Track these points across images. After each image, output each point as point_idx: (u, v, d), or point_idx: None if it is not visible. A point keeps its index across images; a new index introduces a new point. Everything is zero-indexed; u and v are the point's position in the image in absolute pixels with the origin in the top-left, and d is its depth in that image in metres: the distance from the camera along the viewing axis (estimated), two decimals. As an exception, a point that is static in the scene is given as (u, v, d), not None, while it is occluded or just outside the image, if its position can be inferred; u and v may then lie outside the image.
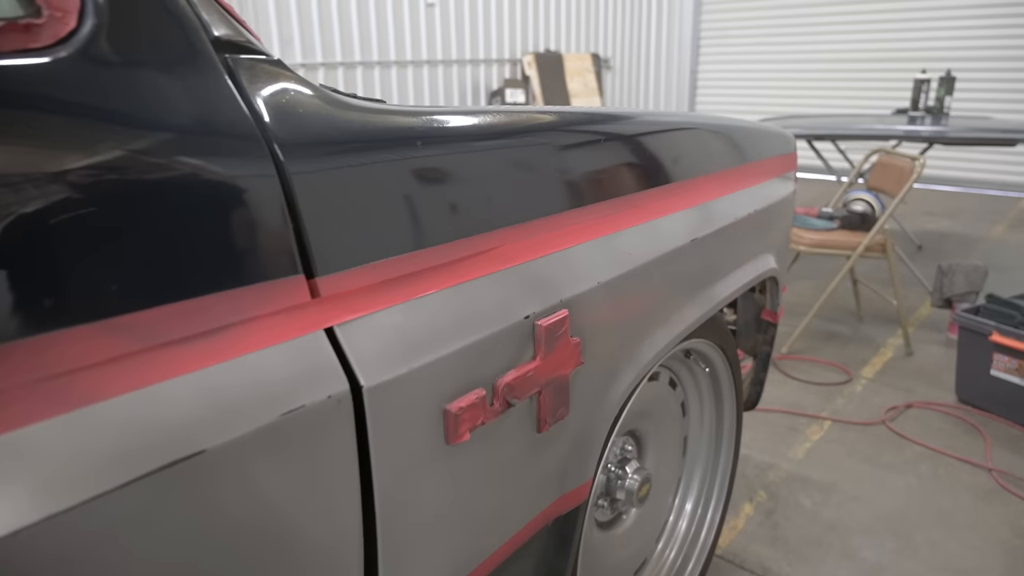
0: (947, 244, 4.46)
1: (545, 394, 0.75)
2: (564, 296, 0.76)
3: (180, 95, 0.48)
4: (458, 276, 0.66)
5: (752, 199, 1.30)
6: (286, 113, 0.55)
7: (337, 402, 0.53)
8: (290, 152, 0.53)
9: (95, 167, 0.42)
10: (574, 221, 0.81)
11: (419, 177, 0.63)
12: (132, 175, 0.44)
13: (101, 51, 0.45)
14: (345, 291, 0.56)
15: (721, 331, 1.35)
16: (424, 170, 0.63)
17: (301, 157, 0.54)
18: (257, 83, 0.54)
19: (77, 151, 0.42)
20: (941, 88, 4.03)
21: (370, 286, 0.58)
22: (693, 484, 1.50)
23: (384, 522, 0.58)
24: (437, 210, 0.64)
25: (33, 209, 0.39)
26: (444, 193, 0.65)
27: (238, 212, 0.49)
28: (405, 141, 0.62)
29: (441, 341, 0.62)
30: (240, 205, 0.50)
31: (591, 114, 0.89)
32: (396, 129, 0.63)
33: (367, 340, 0.57)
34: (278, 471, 0.49)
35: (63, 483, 0.38)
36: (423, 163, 0.63)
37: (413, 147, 0.63)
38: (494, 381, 0.68)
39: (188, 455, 0.43)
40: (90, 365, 0.41)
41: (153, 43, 0.48)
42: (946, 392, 2.45)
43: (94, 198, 0.42)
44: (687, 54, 7.53)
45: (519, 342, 0.70)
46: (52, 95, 0.42)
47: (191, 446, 0.44)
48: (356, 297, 0.57)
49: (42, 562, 0.37)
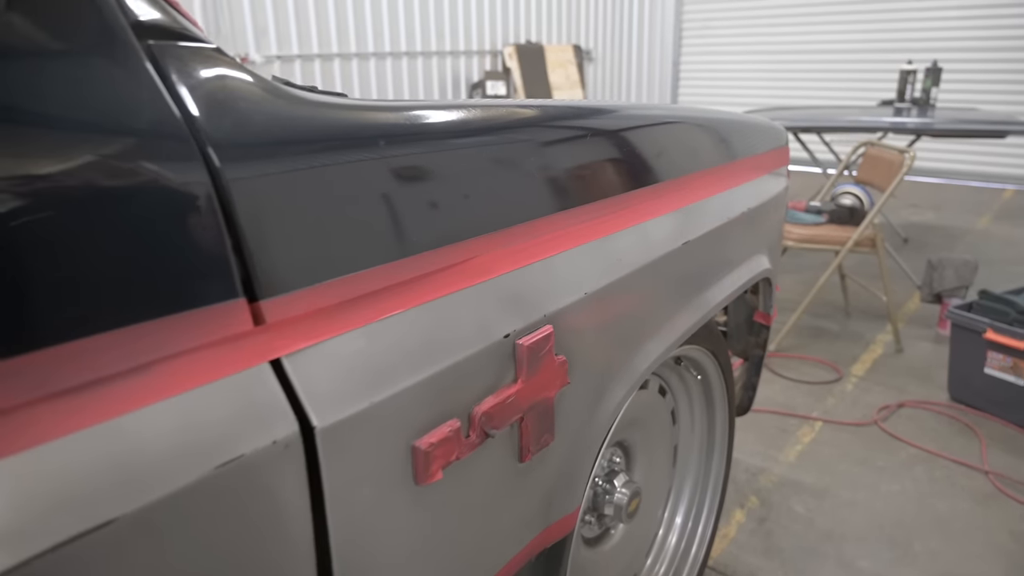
0: (933, 237, 4.44)
1: (528, 420, 0.67)
2: (548, 310, 0.68)
3: (91, 88, 0.40)
4: (428, 293, 0.58)
5: (745, 196, 1.23)
6: (223, 109, 0.46)
7: (284, 447, 0.45)
8: (227, 154, 0.45)
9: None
10: (558, 226, 0.74)
11: (382, 181, 0.55)
12: (27, 184, 0.35)
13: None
14: (294, 316, 0.48)
15: (713, 336, 1.28)
16: (388, 173, 0.55)
17: (240, 160, 0.46)
18: (188, 74, 0.45)
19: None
20: (927, 79, 3.99)
21: (324, 309, 0.50)
22: (684, 494, 1.44)
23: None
24: (403, 218, 0.56)
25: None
26: (411, 199, 0.57)
27: (161, 226, 0.41)
28: (366, 140, 0.54)
29: (409, 368, 0.54)
30: (164, 218, 0.41)
31: (575, 108, 0.81)
32: (355, 127, 0.54)
33: (321, 372, 0.49)
34: (213, 534, 0.41)
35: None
36: (386, 165, 0.55)
37: (375, 147, 0.54)
38: (470, 410, 0.60)
39: (93, 527, 0.35)
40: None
41: (56, 25, 0.39)
42: (938, 390, 2.40)
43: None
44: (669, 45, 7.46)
45: (498, 364, 0.63)
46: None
47: (98, 516, 0.36)
48: (308, 322, 0.49)
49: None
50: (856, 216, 2.75)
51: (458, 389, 0.58)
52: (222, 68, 0.48)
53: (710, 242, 1.05)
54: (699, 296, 1.04)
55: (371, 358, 0.52)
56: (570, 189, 0.76)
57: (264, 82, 0.51)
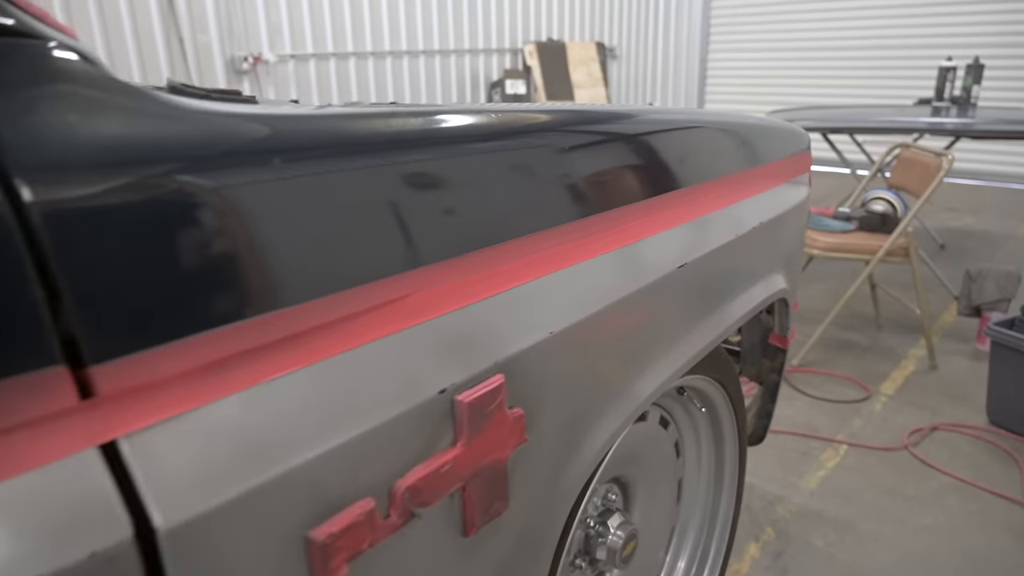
0: (972, 242, 4.22)
1: (472, 489, 0.56)
2: (499, 356, 0.57)
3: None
4: (334, 345, 0.47)
5: (758, 209, 1.10)
6: (45, 126, 0.36)
7: (107, 560, 0.35)
8: (44, 185, 0.35)
9: None
10: (518, 254, 0.62)
11: (263, 204, 0.44)
12: None
13: None
14: (136, 385, 0.38)
15: (720, 363, 1.15)
16: (275, 194, 0.45)
17: (62, 191, 0.35)
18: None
19: None
20: (968, 77, 3.79)
21: (178, 374, 0.40)
22: (689, 534, 1.32)
23: None
24: (296, 253, 0.45)
25: None
26: (308, 224, 0.46)
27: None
28: (245, 157, 0.44)
29: (303, 440, 0.43)
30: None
31: (546, 112, 0.70)
32: (236, 142, 0.44)
33: (173, 455, 0.38)
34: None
35: None
36: (272, 187, 0.45)
37: (256, 165, 0.44)
38: (390, 485, 0.49)
39: None
40: None
41: None
42: (975, 412, 2.24)
43: None
44: (696, 42, 7.27)
45: (430, 427, 0.52)
46: None
47: None
48: (154, 392, 0.39)
49: None
50: (888, 223, 2.59)
51: (373, 461, 0.48)
52: (56, 71, 0.38)
53: (714, 263, 0.93)
54: (700, 324, 0.92)
55: (249, 431, 0.41)
56: (537, 208, 0.64)
57: (125, 90, 0.40)
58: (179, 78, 3.85)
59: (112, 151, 0.38)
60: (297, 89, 4.39)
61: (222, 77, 4.02)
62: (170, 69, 3.81)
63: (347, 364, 0.48)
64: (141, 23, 3.65)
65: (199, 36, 3.87)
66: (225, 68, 4.04)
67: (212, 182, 0.41)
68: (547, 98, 5.65)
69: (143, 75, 3.70)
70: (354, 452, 0.46)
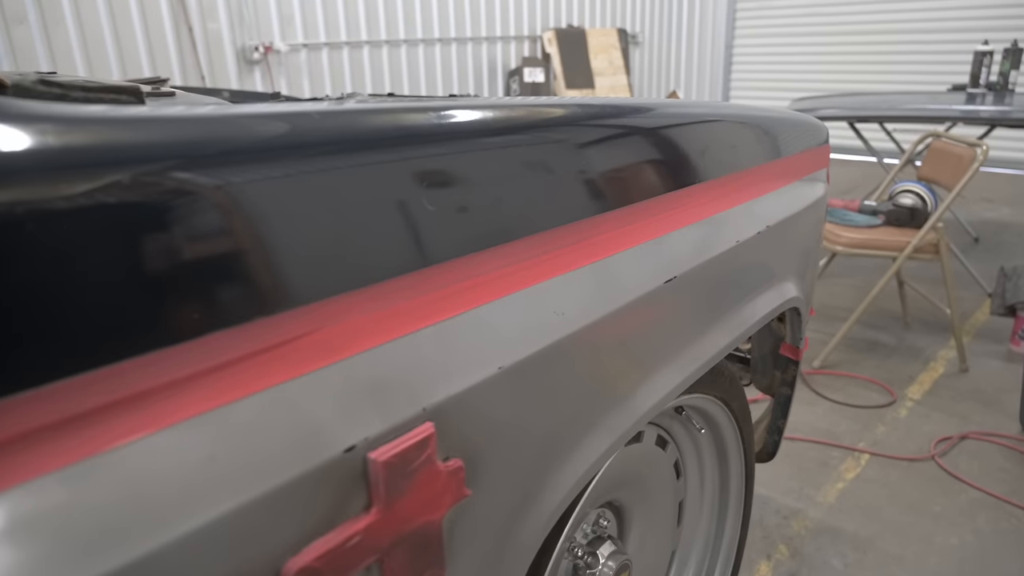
0: (1008, 236, 4.03)
1: (393, 561, 0.47)
2: (429, 401, 0.48)
3: None
4: (212, 397, 0.39)
5: (767, 210, 1.00)
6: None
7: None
8: None
9: None
10: (458, 277, 0.53)
11: (133, 220, 0.35)
12: None
13: None
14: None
15: (723, 380, 1.05)
16: (147, 208, 0.36)
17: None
18: None
19: None
20: (1006, 61, 3.59)
21: (27, 432, 0.31)
22: (691, 560, 1.22)
23: None
24: (182, 278, 0.37)
25: None
26: (197, 246, 0.38)
27: None
28: (123, 167, 0.35)
29: (160, 520, 0.35)
30: None
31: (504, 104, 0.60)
32: (111, 150, 0.35)
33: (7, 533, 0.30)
34: None
35: None
36: (162, 199, 0.36)
37: (139, 179, 0.35)
38: (278, 567, 0.41)
39: None
40: None
41: None
42: (1008, 420, 2.10)
43: None
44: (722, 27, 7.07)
45: (336, 491, 0.43)
46: None
47: None
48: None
49: None
50: (917, 218, 2.45)
51: (255, 540, 0.39)
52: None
53: (709, 275, 0.83)
54: (694, 342, 0.83)
55: (92, 511, 0.33)
56: (485, 222, 0.55)
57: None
58: (189, 68, 3.80)
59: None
60: (310, 79, 4.32)
61: (232, 67, 3.96)
62: (179, 59, 3.75)
63: (223, 421, 0.39)
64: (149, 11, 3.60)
65: (209, 25, 3.81)
66: (236, 58, 3.98)
67: (59, 191, 0.33)
68: (566, 86, 5.52)
69: (152, 65, 3.65)
70: (229, 531, 0.38)
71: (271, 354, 0.42)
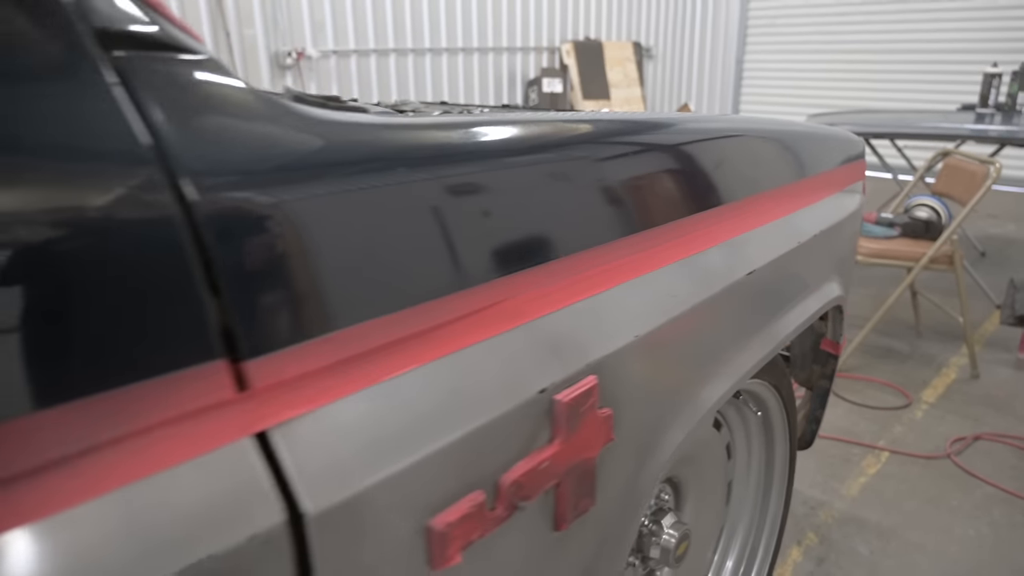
0: (1014, 251, 4.15)
1: (565, 485, 0.58)
2: (591, 358, 0.60)
3: (41, 109, 0.33)
4: (446, 345, 0.50)
5: (816, 218, 1.11)
6: (204, 134, 0.39)
7: (263, 543, 0.37)
8: (205, 187, 0.38)
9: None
10: (603, 260, 0.65)
11: (392, 214, 0.47)
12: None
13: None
14: (286, 378, 0.41)
15: (776, 369, 1.17)
16: (399, 204, 0.47)
17: (221, 193, 0.38)
18: (164, 91, 0.38)
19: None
20: (1014, 83, 3.72)
21: (321, 369, 0.43)
22: (737, 536, 1.33)
23: None
24: (415, 256, 0.48)
25: None
26: (424, 231, 0.49)
27: (123, 275, 0.34)
28: (375, 166, 0.46)
29: (423, 435, 0.46)
30: (127, 264, 0.34)
31: (616, 122, 0.72)
32: (365, 148, 0.47)
33: (316, 445, 0.41)
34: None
35: None
36: (399, 192, 0.47)
37: (384, 174, 0.47)
38: (496, 479, 0.52)
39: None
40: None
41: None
42: (1019, 422, 2.21)
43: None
44: (733, 43, 7.21)
45: (531, 425, 0.54)
46: None
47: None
48: (301, 386, 0.42)
49: None
50: (932, 230, 2.56)
51: (483, 456, 0.50)
52: (210, 83, 0.41)
53: (777, 271, 0.94)
54: (764, 330, 0.94)
55: (377, 426, 0.44)
56: (616, 217, 0.67)
57: (264, 99, 0.43)
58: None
59: (264, 156, 0.41)
60: (338, 85, 4.45)
61: (266, 71, 4.09)
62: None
63: (458, 363, 0.50)
64: (190, 16, 3.72)
65: (245, 30, 3.94)
66: (269, 62, 4.11)
67: (348, 187, 0.44)
68: (583, 97, 5.65)
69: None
70: (466, 447, 0.49)
71: (483, 314, 0.53)
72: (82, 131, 0.34)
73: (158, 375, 0.35)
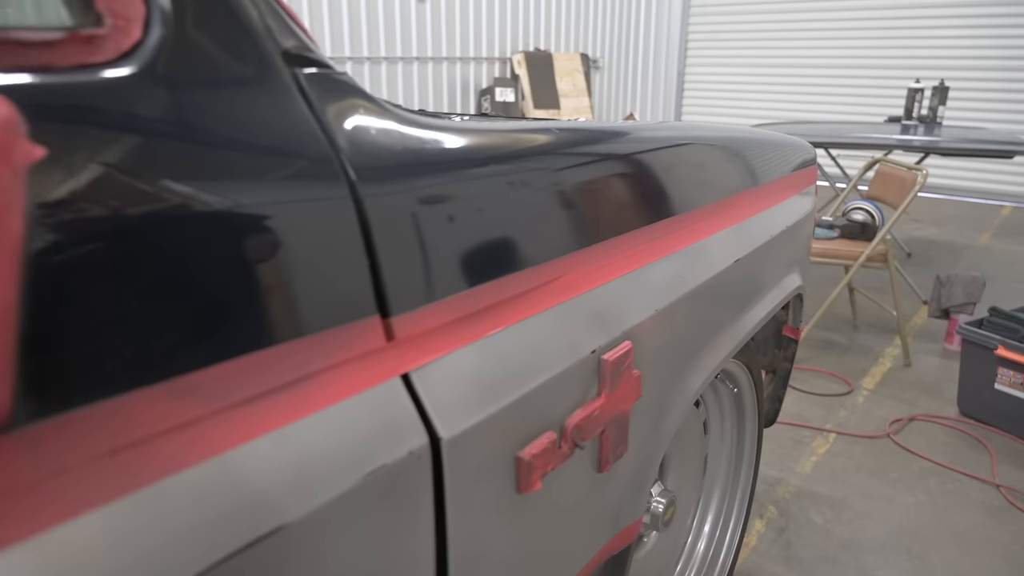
0: (936, 252, 4.49)
1: (608, 432, 0.70)
2: (626, 326, 0.71)
3: (252, 115, 0.42)
4: (526, 310, 0.61)
5: (784, 214, 1.26)
6: (360, 133, 0.49)
7: (417, 458, 0.47)
8: (365, 178, 0.48)
9: (158, 199, 0.36)
10: (630, 245, 0.77)
11: (491, 201, 0.57)
12: (200, 212, 0.38)
13: (168, 67, 0.39)
14: (420, 331, 0.51)
15: (748, 349, 1.31)
16: (496, 193, 0.58)
17: (375, 182, 0.48)
18: (328, 99, 0.48)
19: (138, 180, 0.36)
20: (935, 98, 4.05)
21: (444, 324, 0.53)
22: (712, 504, 1.47)
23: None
24: (506, 237, 0.59)
25: (84, 243, 0.33)
26: (513, 218, 0.60)
27: (313, 245, 0.44)
28: (478, 162, 0.57)
29: (515, 382, 0.57)
30: (315, 237, 0.44)
31: (647, 133, 0.84)
32: (467, 148, 0.57)
33: (444, 386, 0.51)
34: (360, 540, 0.44)
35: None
36: (495, 186, 0.58)
37: (486, 168, 0.57)
38: (562, 423, 0.63)
39: (268, 532, 0.38)
40: (157, 434, 0.35)
41: (222, 57, 0.42)
42: (947, 404, 2.44)
43: (154, 232, 0.36)
44: (675, 56, 7.52)
45: (586, 379, 0.65)
46: (116, 117, 0.36)
47: (271, 521, 0.38)
48: (431, 337, 0.52)
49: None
50: (868, 231, 2.79)
51: (553, 402, 0.61)
52: (352, 93, 0.51)
53: (756, 259, 1.08)
54: (747, 311, 1.07)
55: (483, 372, 0.55)
56: (641, 210, 0.79)
57: (386, 105, 0.54)
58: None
59: (402, 151, 0.51)
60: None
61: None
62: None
63: (534, 325, 0.61)
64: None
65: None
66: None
67: (461, 179, 0.55)
68: (534, 106, 5.81)
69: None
70: (543, 394, 0.60)
71: (549, 286, 0.64)
72: (278, 132, 0.44)
73: (336, 325, 0.45)
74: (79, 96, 0.35)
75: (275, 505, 0.39)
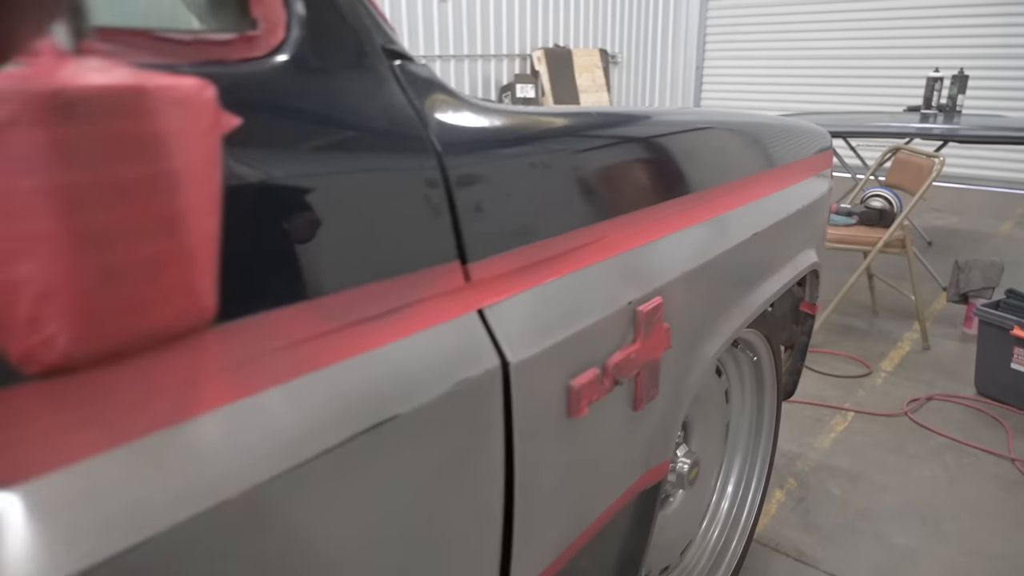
0: (956, 240, 4.52)
1: (642, 375, 0.80)
2: (657, 284, 0.81)
3: (364, 98, 0.53)
4: (575, 264, 0.71)
5: (800, 194, 1.35)
6: (443, 115, 0.60)
7: (491, 376, 0.58)
8: (448, 151, 0.58)
9: (307, 165, 0.47)
10: (662, 214, 0.86)
11: (546, 172, 0.68)
12: (334, 173, 0.49)
13: (305, 59, 0.50)
14: (490, 276, 0.61)
15: (767, 321, 1.40)
16: (550, 166, 0.68)
17: (456, 155, 0.59)
18: (416, 86, 0.59)
19: (288, 151, 0.46)
20: (954, 86, 4.08)
21: (509, 271, 0.63)
22: (734, 469, 1.56)
23: (521, 485, 0.63)
24: (558, 202, 0.69)
25: (258, 201, 0.44)
26: (564, 187, 0.70)
27: (412, 205, 0.54)
28: (536, 139, 0.67)
29: (566, 323, 0.67)
30: (413, 199, 0.54)
31: (677, 118, 0.94)
32: (526, 128, 0.67)
33: (510, 320, 0.62)
34: (450, 436, 0.54)
35: (296, 441, 0.43)
36: (550, 159, 0.68)
37: (542, 144, 0.68)
38: (604, 361, 0.73)
39: (386, 419, 0.48)
40: (305, 339, 0.46)
41: (340, 52, 0.53)
42: (965, 385, 2.51)
43: (307, 192, 0.47)
44: (693, 50, 7.57)
45: (623, 326, 0.75)
46: (268, 100, 0.46)
47: (389, 410, 0.49)
48: (499, 281, 0.62)
49: (283, 506, 0.42)
50: (886, 218, 2.86)
51: (597, 343, 0.71)
52: (433, 82, 0.61)
53: (773, 233, 1.17)
54: (764, 281, 1.17)
55: (541, 313, 0.65)
56: (671, 184, 0.88)
57: (457, 93, 0.64)
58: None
59: (475, 130, 0.61)
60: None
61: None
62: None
63: (582, 277, 0.71)
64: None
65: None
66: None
67: (525, 152, 0.65)
68: (554, 102, 5.90)
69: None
70: (589, 335, 0.70)
71: (593, 245, 0.74)
72: (385, 113, 0.54)
73: (427, 267, 0.55)
74: (245, 81, 0.46)
75: (392, 399, 0.49)
